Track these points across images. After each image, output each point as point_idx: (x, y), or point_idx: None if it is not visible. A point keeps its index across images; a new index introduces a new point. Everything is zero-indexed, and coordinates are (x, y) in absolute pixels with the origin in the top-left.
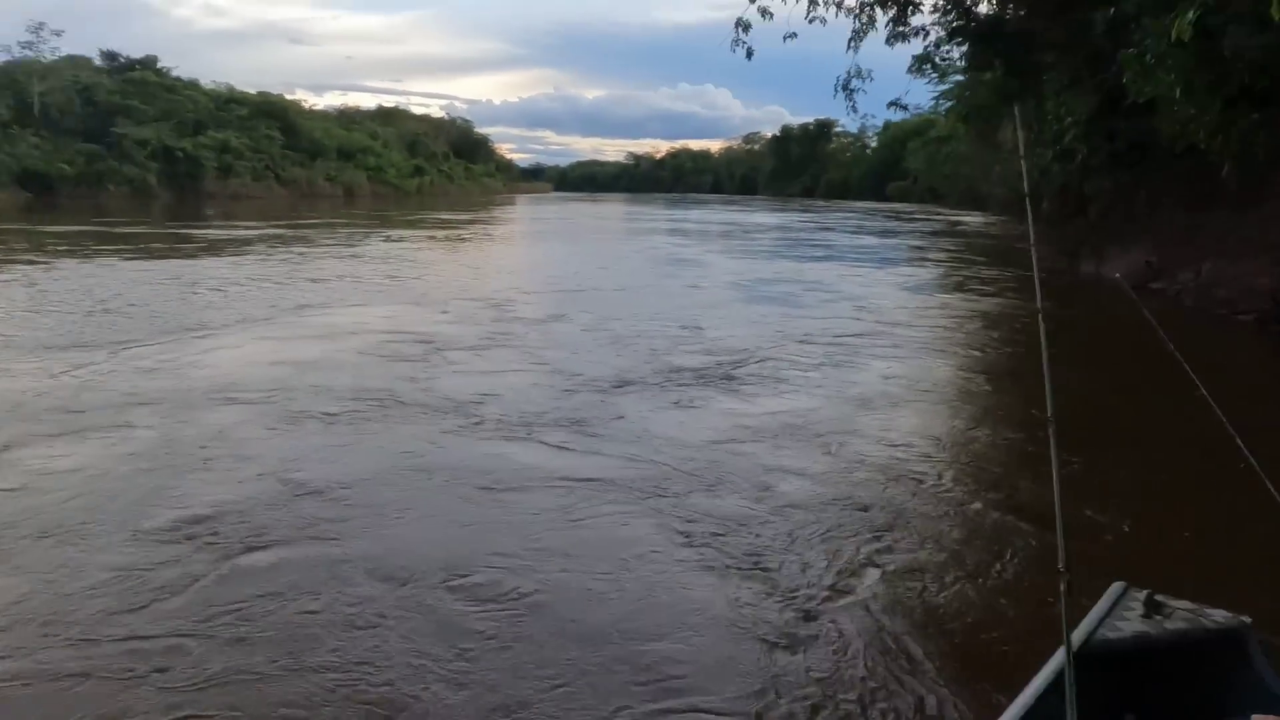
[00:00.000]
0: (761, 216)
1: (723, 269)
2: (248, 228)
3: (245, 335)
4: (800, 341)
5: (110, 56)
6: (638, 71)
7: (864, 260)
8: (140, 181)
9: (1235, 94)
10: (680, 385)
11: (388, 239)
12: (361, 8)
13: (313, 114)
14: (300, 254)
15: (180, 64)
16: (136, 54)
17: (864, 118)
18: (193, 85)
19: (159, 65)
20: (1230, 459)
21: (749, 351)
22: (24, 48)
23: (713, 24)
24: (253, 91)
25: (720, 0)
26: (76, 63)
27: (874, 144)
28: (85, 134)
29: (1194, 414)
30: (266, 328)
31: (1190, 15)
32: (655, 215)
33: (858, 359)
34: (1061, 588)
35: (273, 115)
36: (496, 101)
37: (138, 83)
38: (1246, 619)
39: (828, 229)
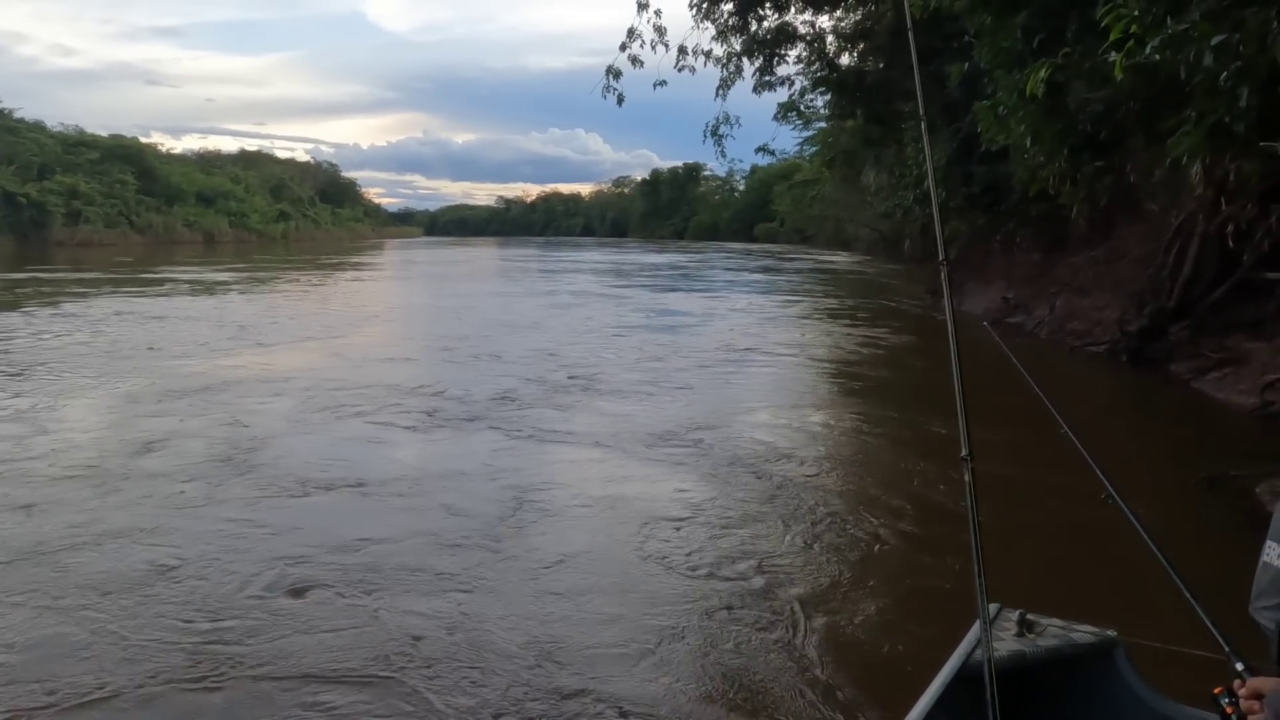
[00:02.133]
0: (650, 257)
1: (635, 303)
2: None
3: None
4: (711, 360)
5: None
6: (508, 116)
7: (752, 292)
8: None
9: (1080, 143)
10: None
11: (269, 286)
12: (222, 49)
13: (170, 157)
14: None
15: (25, 105)
16: None
17: (732, 162)
18: (38, 127)
19: (2, 106)
20: (1089, 485)
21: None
22: None
23: (582, 70)
24: (105, 134)
25: (590, 47)
26: None
27: (742, 187)
28: None
29: (1056, 442)
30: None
31: (1043, 73)
32: (542, 258)
33: (755, 372)
34: (966, 476)
35: (127, 159)
36: (364, 145)
37: None
38: (1112, 632)
39: (713, 267)
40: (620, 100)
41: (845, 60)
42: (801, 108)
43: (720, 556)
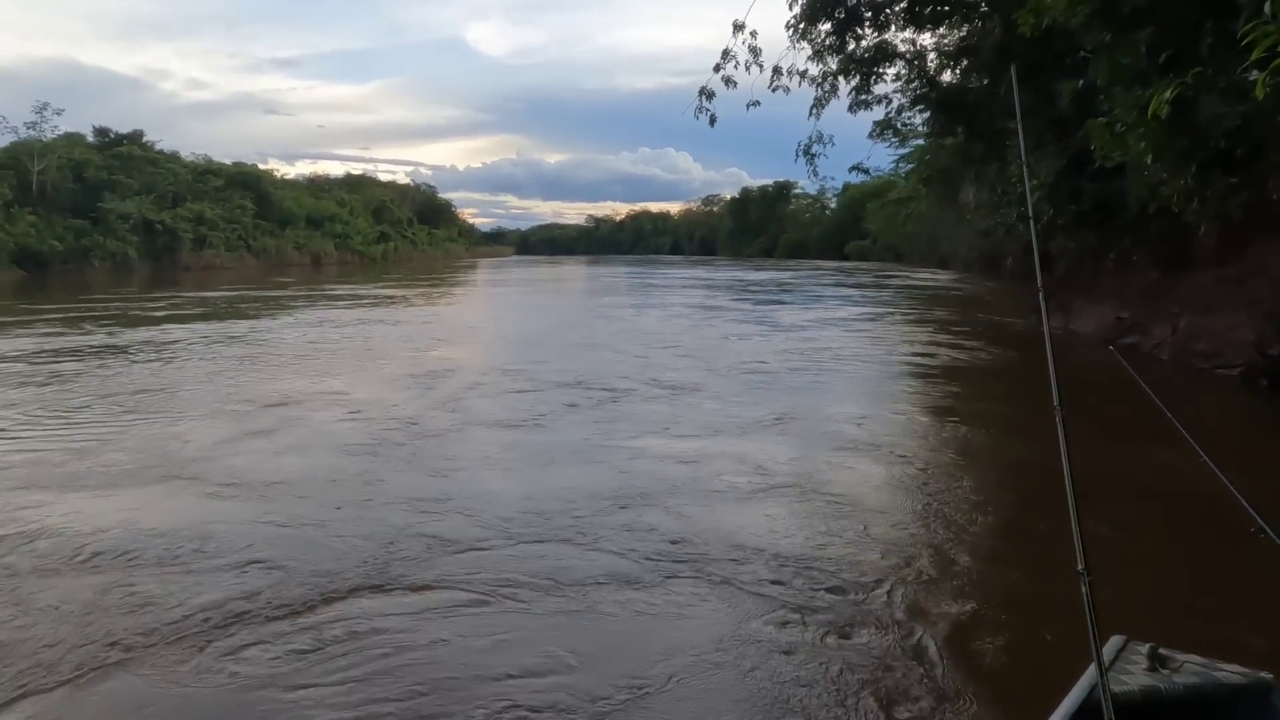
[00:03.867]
0: (748, 274)
1: (749, 314)
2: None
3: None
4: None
5: (101, 133)
6: (599, 136)
7: (855, 305)
8: (121, 255)
9: (1210, 159)
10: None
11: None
12: (333, 78)
13: (284, 183)
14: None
15: (164, 137)
16: (124, 128)
17: (824, 180)
18: (173, 158)
19: (145, 139)
20: (1234, 516)
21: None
22: (29, 127)
23: (673, 90)
24: (229, 162)
25: (680, 67)
26: (71, 139)
27: (833, 205)
28: (75, 210)
29: (1191, 471)
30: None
31: (1168, 94)
32: (642, 275)
33: (869, 374)
34: (1084, 590)
35: (247, 185)
36: (460, 167)
37: (124, 157)
38: (1267, 675)
39: (813, 283)
40: (712, 120)
41: (946, 77)
42: (898, 125)
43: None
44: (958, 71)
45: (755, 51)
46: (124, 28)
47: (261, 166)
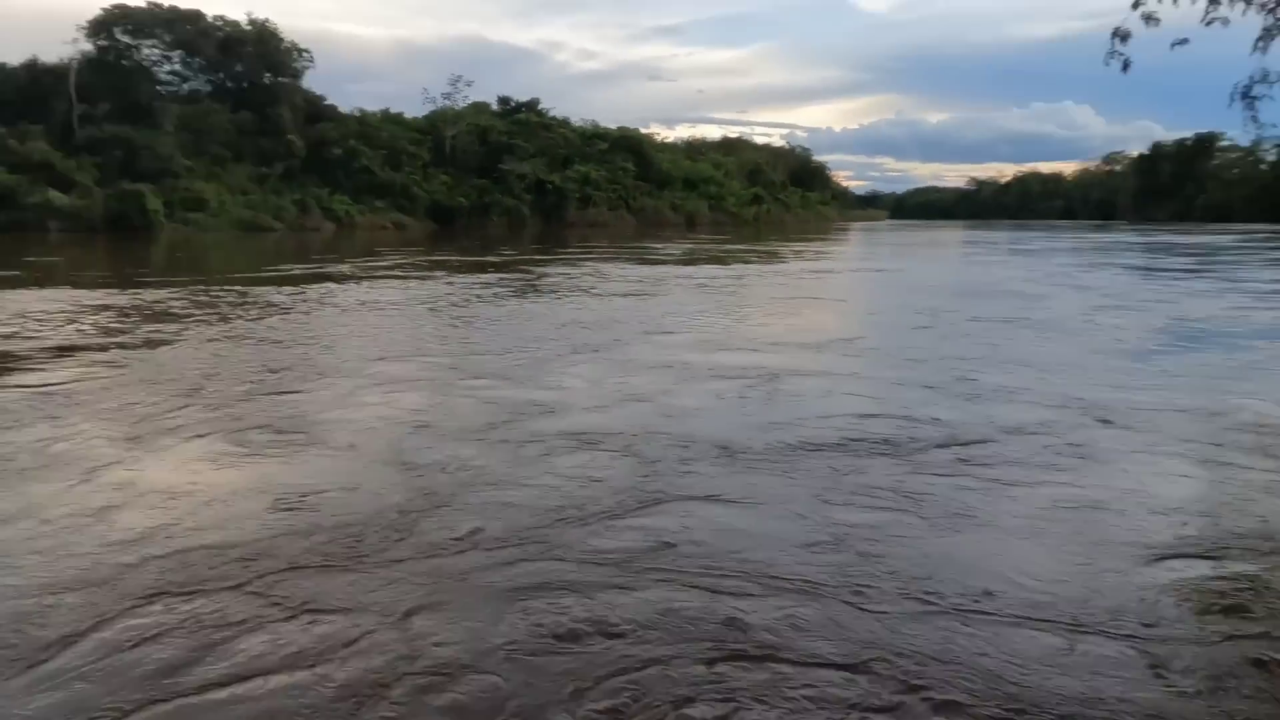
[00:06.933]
0: (1182, 239)
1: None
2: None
3: None
4: None
5: (504, 101)
6: (987, 91)
7: None
8: (516, 211)
9: None
10: None
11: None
12: (713, 43)
13: (664, 146)
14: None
15: (556, 104)
16: (523, 97)
17: (1261, 128)
18: (564, 124)
19: (540, 107)
20: None
21: None
22: (444, 98)
23: (1075, 35)
24: (613, 127)
25: (1084, 8)
26: (478, 108)
27: (1270, 159)
28: (479, 171)
29: None
30: None
31: None
32: (1078, 240)
33: None
34: None
35: (629, 149)
36: (836, 129)
37: (522, 123)
38: None
39: None
40: (1125, 66)
41: None
42: None
43: None
44: None
45: None
46: (526, 5)
47: (643, 130)
